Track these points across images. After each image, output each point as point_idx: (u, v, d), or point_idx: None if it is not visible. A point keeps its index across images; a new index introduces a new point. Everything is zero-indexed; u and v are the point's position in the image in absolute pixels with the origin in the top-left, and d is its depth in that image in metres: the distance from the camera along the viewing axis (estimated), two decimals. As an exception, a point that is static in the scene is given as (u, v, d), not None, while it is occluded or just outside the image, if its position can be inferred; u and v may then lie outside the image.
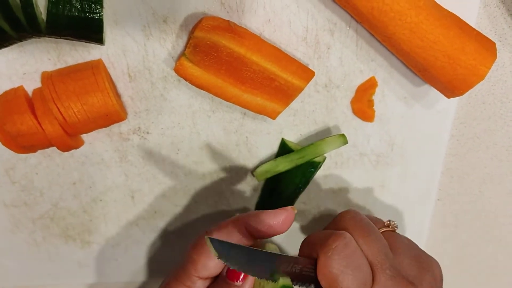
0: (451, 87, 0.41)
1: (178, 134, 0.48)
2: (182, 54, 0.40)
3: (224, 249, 0.33)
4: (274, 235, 0.38)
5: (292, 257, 0.36)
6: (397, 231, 0.41)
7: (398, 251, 0.38)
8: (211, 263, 0.37)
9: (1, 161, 0.48)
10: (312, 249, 0.36)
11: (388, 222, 0.42)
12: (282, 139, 0.48)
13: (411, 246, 0.40)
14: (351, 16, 0.42)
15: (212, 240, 0.33)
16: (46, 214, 0.52)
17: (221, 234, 0.38)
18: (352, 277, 0.33)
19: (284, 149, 0.48)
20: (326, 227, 0.41)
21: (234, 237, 0.37)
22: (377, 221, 0.42)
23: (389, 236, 0.39)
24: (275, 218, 0.37)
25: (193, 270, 0.38)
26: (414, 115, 0.48)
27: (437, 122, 0.49)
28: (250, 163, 0.50)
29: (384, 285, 0.34)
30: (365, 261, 0.35)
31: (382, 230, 0.40)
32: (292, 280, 0.35)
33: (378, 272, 0.35)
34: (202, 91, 0.45)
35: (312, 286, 0.36)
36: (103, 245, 0.54)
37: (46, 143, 0.44)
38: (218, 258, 0.32)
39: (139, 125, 0.47)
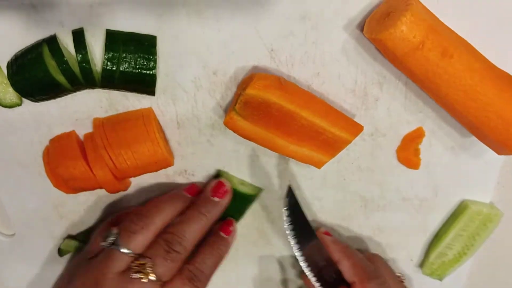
0: (503, 146, 0.40)
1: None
2: (232, 108, 0.41)
3: None
4: None
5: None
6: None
7: None
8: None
9: (50, 198, 0.50)
10: (353, 273, 0.45)
11: (399, 274, 0.51)
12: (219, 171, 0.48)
13: None
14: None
15: None
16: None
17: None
18: None
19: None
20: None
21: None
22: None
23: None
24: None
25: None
26: (460, 164, 0.47)
27: (483, 172, 0.48)
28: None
29: None
30: None
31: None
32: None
33: None
34: (248, 138, 0.45)
35: None
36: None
37: (95, 186, 0.45)
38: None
39: (185, 167, 0.48)
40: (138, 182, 0.49)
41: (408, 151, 0.47)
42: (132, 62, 0.39)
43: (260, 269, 0.55)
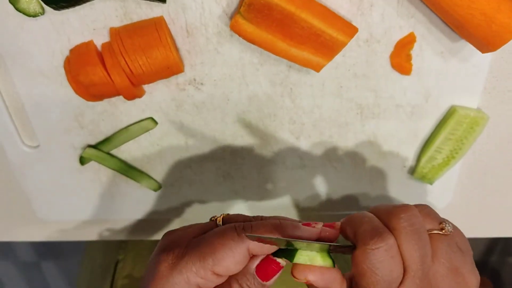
0: (486, 43, 0.44)
1: (228, 85, 0.52)
2: (237, 12, 0.44)
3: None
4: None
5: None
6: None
7: (438, 258, 0.36)
8: (234, 258, 0.36)
9: (72, 108, 0.54)
10: (352, 232, 0.37)
11: (442, 225, 0.38)
12: None
13: (455, 256, 0.37)
14: (394, -25, 0.45)
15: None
16: (111, 156, 0.58)
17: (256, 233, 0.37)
18: (380, 279, 0.34)
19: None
20: (377, 211, 0.38)
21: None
22: (433, 220, 0.38)
23: (437, 239, 0.37)
24: (310, 231, 0.38)
25: (211, 260, 0.36)
26: (449, 69, 0.51)
27: (471, 76, 0.52)
28: (293, 113, 0.55)
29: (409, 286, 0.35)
30: (399, 266, 0.35)
31: (433, 232, 0.37)
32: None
33: (408, 278, 0.35)
34: (252, 45, 0.49)
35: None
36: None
37: (113, 92, 0.50)
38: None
39: (194, 76, 0.52)
40: (151, 90, 0.53)
41: (401, 57, 0.50)
42: (145, -33, 0.43)
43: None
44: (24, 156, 0.59)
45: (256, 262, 0.38)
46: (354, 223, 0.37)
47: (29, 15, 0.46)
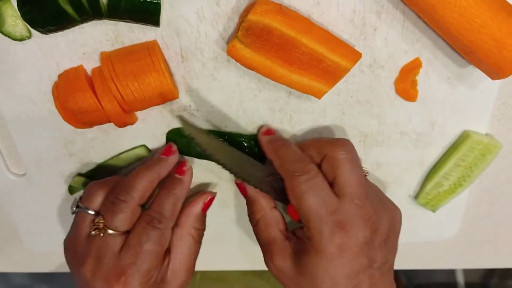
0: (497, 69, 0.42)
1: (226, 111, 0.50)
2: (235, 36, 0.42)
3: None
4: None
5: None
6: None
7: (367, 189, 0.45)
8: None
9: (60, 135, 0.51)
10: (278, 164, 0.46)
11: (364, 168, 0.48)
12: None
13: (378, 191, 0.49)
14: (399, -1, 0.43)
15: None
16: (101, 185, 0.55)
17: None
18: (311, 205, 0.42)
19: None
20: (317, 143, 0.47)
21: None
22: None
23: None
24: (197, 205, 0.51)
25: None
26: (456, 95, 0.49)
27: (479, 102, 0.49)
28: (293, 140, 0.52)
29: (349, 207, 0.42)
30: (328, 190, 0.43)
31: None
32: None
33: (347, 199, 0.43)
34: (250, 71, 0.46)
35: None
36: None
37: (104, 119, 0.47)
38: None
39: (190, 102, 0.49)
40: (144, 117, 0.50)
41: (406, 83, 0.48)
42: (138, -11, 0.41)
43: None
44: (11, 184, 0.56)
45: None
46: (279, 156, 0.46)
47: (15, 39, 0.44)
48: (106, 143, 0.52)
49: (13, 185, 0.56)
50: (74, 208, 0.47)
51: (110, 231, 0.44)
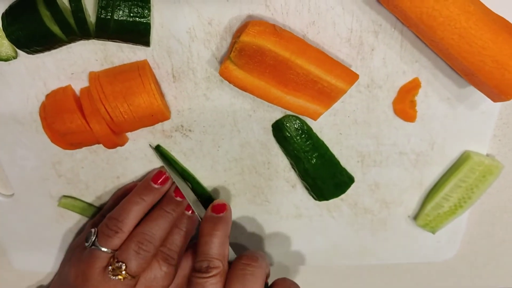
0: (498, 92, 0.40)
1: (219, 131, 0.49)
2: (227, 57, 0.41)
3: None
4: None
5: None
6: None
7: None
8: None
9: (48, 156, 0.50)
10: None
11: None
12: None
13: None
14: (397, 18, 0.41)
15: None
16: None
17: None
18: None
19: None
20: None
21: None
22: None
23: None
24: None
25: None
26: (457, 116, 0.47)
27: (480, 123, 0.48)
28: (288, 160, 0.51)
29: None
30: None
31: None
32: None
33: None
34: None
35: None
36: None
37: (93, 141, 0.46)
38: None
39: (182, 123, 0.48)
40: (135, 137, 0.49)
41: (404, 103, 0.47)
42: (126, 10, 0.39)
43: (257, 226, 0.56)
44: (-2, 205, 0.54)
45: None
46: (204, 242, 0.46)
47: (0, 59, 0.42)
48: (96, 163, 0.51)
49: (1, 206, 0.54)
50: (87, 244, 0.47)
51: (127, 277, 0.46)
